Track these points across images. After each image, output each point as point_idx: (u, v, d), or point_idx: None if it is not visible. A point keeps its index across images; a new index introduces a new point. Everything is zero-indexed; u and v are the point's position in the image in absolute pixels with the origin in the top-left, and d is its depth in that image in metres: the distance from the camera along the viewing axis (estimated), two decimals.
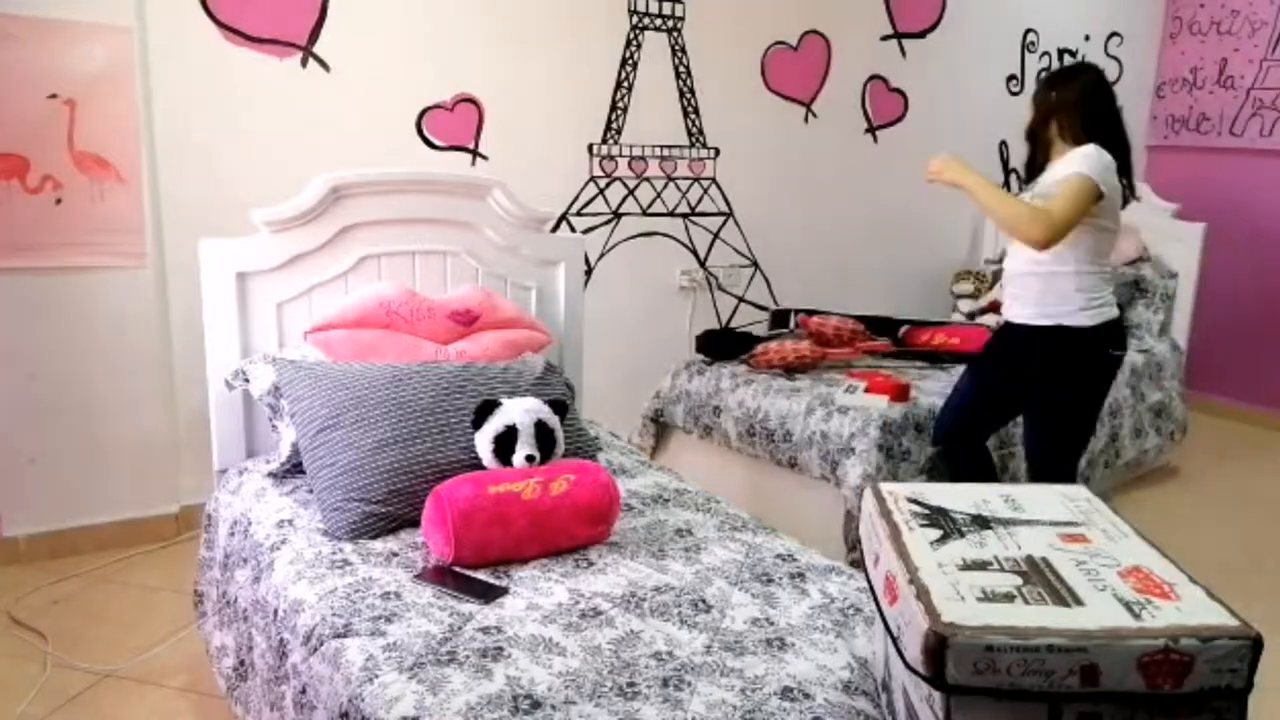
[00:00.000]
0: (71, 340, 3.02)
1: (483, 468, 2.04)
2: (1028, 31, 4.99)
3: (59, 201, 2.90)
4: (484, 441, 2.05)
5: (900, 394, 3.13)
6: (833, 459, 3.02)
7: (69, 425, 3.06)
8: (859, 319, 3.82)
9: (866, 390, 3.16)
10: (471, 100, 3.55)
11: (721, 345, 3.65)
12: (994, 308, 4.02)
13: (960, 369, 3.58)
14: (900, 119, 4.69)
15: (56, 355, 3.01)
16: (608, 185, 3.90)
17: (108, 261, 3.01)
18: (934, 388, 3.32)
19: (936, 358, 3.70)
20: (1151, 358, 4.06)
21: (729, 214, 4.25)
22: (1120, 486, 3.99)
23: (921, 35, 4.64)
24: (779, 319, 4.07)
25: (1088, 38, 5.23)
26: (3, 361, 2.95)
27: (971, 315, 4.16)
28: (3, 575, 2.95)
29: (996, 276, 4.34)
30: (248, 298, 2.38)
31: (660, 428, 3.72)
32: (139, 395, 3.14)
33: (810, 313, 3.89)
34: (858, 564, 2.87)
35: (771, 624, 1.67)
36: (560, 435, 2.12)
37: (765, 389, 3.31)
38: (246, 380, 2.30)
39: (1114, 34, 5.32)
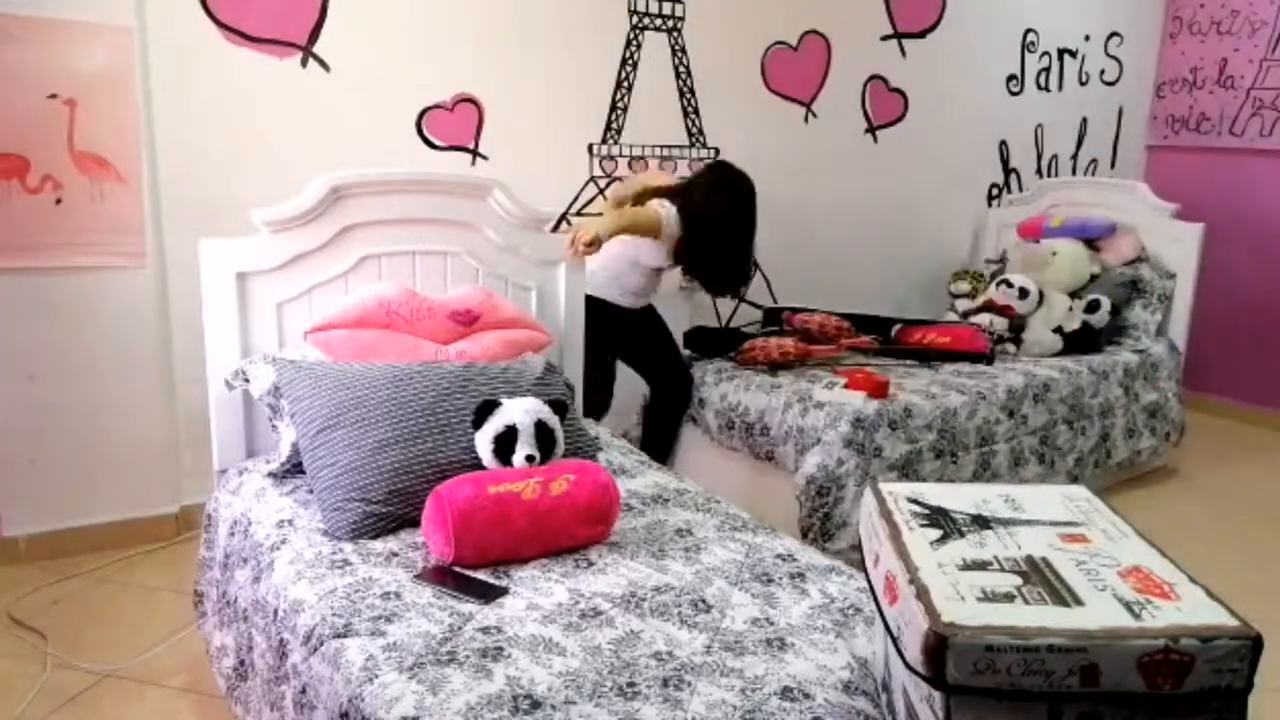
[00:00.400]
0: (71, 340, 3.01)
1: (483, 468, 2.04)
2: (1028, 31, 4.98)
3: (59, 201, 2.90)
4: (484, 441, 2.05)
5: (878, 390, 3.16)
6: (806, 452, 3.07)
7: (69, 425, 3.05)
8: (845, 317, 3.85)
9: (845, 387, 3.19)
10: (471, 100, 3.55)
11: (709, 342, 3.70)
12: (988, 306, 4.03)
13: (950, 367, 3.61)
14: (900, 119, 4.67)
15: (56, 355, 3.00)
16: (608, 185, 3.90)
17: (108, 261, 3.01)
18: (917, 385, 3.37)
19: (925, 356, 3.73)
20: (1147, 358, 4.06)
21: None
22: (1115, 487, 3.99)
23: (921, 35, 4.63)
24: (771, 317, 4.10)
25: (1088, 38, 5.22)
26: (3, 361, 2.94)
27: (965, 315, 4.17)
28: (3, 575, 2.95)
29: (993, 276, 4.34)
30: (248, 298, 2.38)
31: None
32: (139, 395, 3.13)
33: (797, 310, 3.93)
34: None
35: (771, 624, 1.67)
36: (560, 435, 2.12)
37: (746, 384, 3.37)
38: (246, 380, 2.29)
39: (1114, 34, 5.31)
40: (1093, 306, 4.00)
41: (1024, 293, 3.97)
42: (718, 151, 4.13)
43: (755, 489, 3.31)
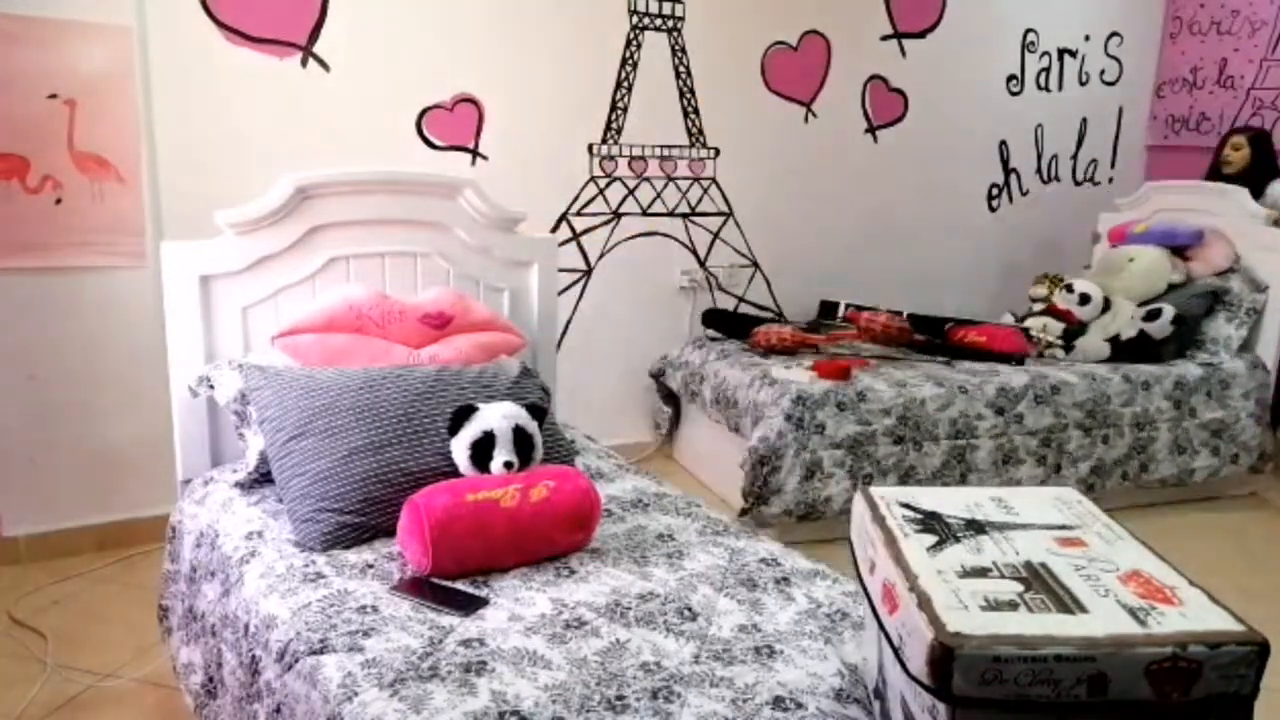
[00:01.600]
0: (71, 340, 3.01)
1: (459, 475, 1.99)
2: (1028, 31, 4.96)
3: (59, 201, 2.90)
4: (460, 448, 2.00)
5: (837, 374, 3.35)
6: (757, 424, 3.31)
7: (69, 425, 3.06)
8: (905, 316, 3.99)
9: (810, 369, 3.41)
10: (471, 100, 3.53)
11: (727, 323, 3.97)
12: (1049, 311, 4.01)
13: (967, 365, 3.67)
14: (900, 119, 4.66)
15: (56, 355, 3.01)
16: (608, 185, 3.88)
17: (108, 261, 3.01)
18: (895, 375, 3.52)
19: (936, 351, 3.85)
20: (1214, 373, 3.81)
21: (729, 214, 4.24)
22: (1180, 504, 3.86)
23: (921, 35, 4.61)
24: (826, 310, 4.33)
25: (1088, 38, 5.21)
26: (3, 361, 2.95)
27: (1021, 318, 4.13)
28: (3, 575, 2.95)
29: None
30: (212, 301, 2.31)
31: (677, 402, 4.09)
32: (139, 395, 3.12)
33: (860, 308, 4.06)
34: (745, 513, 3.19)
35: (759, 630, 1.64)
36: (539, 441, 2.07)
37: (733, 363, 3.63)
38: (211, 387, 2.22)
39: (1114, 34, 5.30)
40: (1153, 315, 3.83)
41: (1085, 299, 3.92)
42: (717, 152, 4.12)
43: (724, 456, 3.61)
